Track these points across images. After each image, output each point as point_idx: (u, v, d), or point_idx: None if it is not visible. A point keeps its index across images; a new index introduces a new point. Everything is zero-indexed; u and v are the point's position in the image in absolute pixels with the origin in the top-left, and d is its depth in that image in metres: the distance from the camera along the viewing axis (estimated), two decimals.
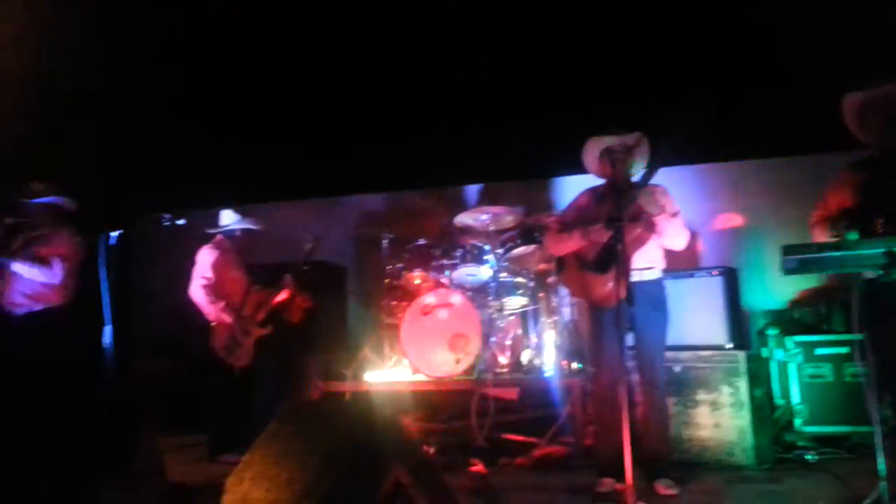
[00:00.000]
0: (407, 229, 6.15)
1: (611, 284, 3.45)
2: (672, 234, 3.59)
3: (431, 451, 4.25)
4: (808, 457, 4.22)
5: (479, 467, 3.57)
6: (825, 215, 3.05)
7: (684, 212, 3.69)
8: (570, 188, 6.08)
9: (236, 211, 5.01)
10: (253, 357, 4.72)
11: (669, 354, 4.00)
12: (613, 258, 3.45)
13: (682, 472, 3.70)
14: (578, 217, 3.72)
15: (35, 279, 4.28)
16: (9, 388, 3.62)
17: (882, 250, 2.18)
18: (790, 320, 5.07)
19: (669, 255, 3.82)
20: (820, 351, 4.63)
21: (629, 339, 3.66)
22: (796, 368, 4.66)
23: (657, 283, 3.67)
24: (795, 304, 5.27)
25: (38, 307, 4.35)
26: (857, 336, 4.41)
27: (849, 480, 3.66)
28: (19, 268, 4.26)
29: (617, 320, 3.56)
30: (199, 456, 4.71)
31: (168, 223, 4.15)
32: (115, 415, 2.26)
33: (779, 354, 4.81)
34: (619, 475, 3.49)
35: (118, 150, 5.80)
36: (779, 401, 4.74)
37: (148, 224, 4.14)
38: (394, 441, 2.02)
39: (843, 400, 4.52)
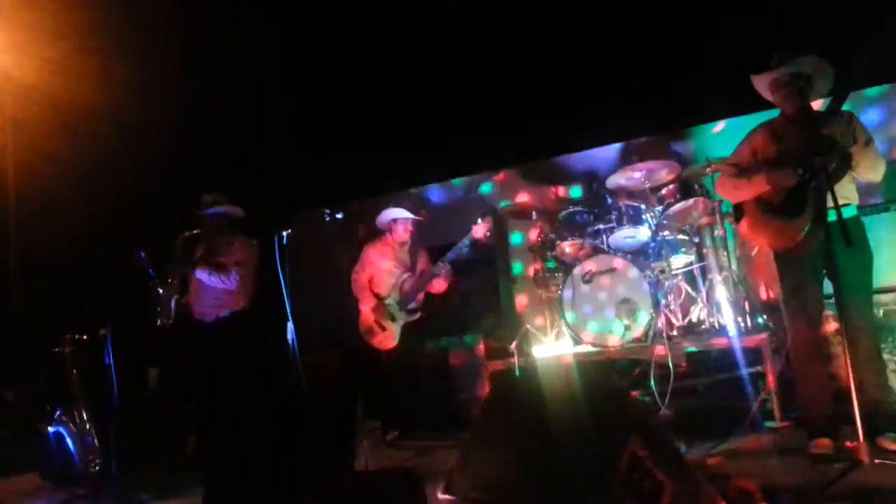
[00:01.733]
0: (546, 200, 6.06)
1: (806, 228, 3.14)
2: (868, 166, 3.22)
3: None
4: None
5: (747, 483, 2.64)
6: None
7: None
8: (714, 135, 5.74)
9: (396, 204, 5.10)
10: (401, 341, 4.90)
11: None
12: (807, 199, 3.15)
13: None
14: (755, 158, 3.41)
15: (217, 287, 4.53)
16: (224, 391, 3.85)
17: None
18: None
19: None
20: None
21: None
22: None
23: (855, 221, 3.30)
24: None
25: (224, 313, 4.62)
26: None
27: None
28: (203, 277, 4.52)
29: (813, 267, 3.27)
30: (375, 441, 4.81)
31: (328, 218, 4.26)
32: (333, 408, 2.29)
33: None
34: (833, 434, 3.22)
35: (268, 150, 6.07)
36: None
37: (311, 220, 4.25)
38: (626, 411, 1.91)
39: None
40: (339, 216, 4.34)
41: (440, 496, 2.12)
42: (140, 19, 5.74)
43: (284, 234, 3.81)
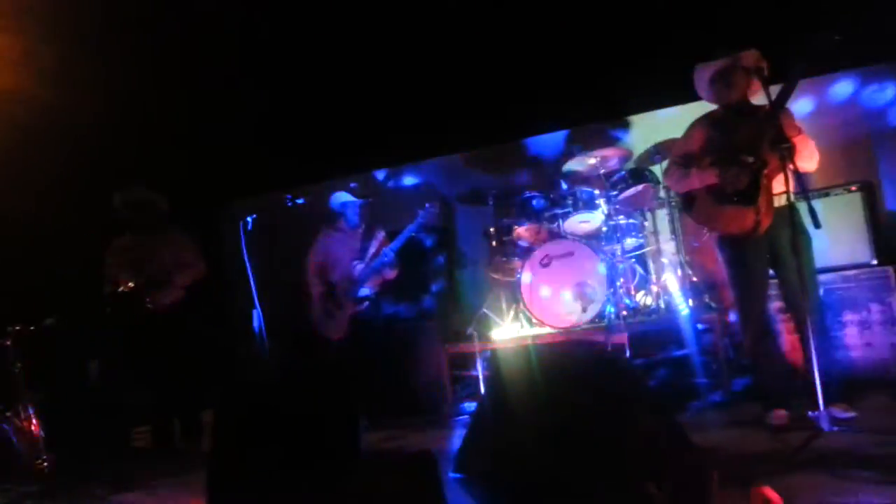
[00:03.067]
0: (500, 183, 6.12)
1: (759, 215, 3.32)
2: (806, 157, 3.40)
3: None
4: None
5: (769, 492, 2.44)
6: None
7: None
8: (647, 125, 5.94)
9: (347, 189, 5.02)
10: (351, 329, 4.86)
11: None
12: (759, 187, 3.32)
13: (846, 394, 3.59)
14: (701, 150, 3.55)
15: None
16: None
17: None
18: None
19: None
20: None
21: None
22: None
23: (794, 207, 3.51)
24: None
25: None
26: None
27: None
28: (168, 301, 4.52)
29: (760, 251, 3.46)
30: None
31: (290, 203, 4.17)
32: (328, 395, 2.26)
33: None
34: (787, 405, 3.43)
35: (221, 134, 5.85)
36: None
37: (273, 205, 4.15)
38: (638, 392, 1.97)
39: None
40: (300, 201, 4.25)
41: (451, 475, 2.14)
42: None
43: (249, 219, 3.70)
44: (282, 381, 2.38)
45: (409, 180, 6.73)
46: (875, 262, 4.13)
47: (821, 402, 2.95)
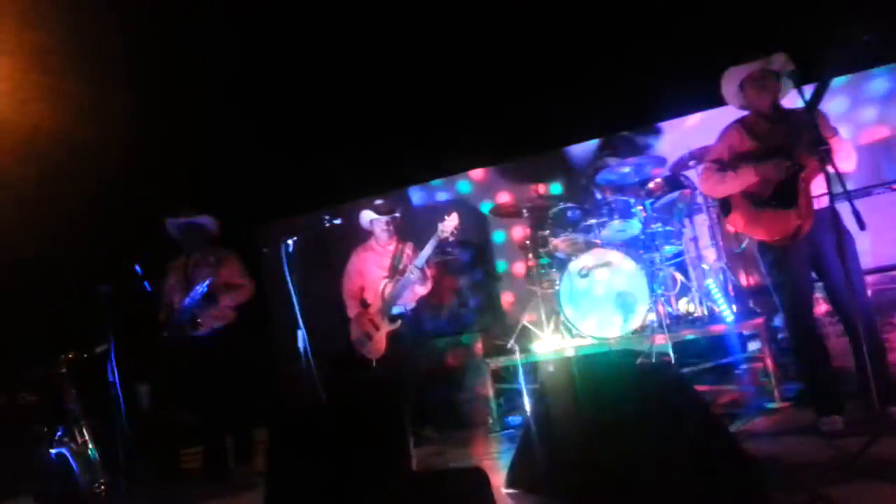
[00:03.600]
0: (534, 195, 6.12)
1: (799, 219, 3.27)
2: (843, 157, 3.32)
3: None
4: None
5: None
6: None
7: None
8: (679, 131, 5.90)
9: (372, 207, 5.03)
10: (388, 348, 4.80)
11: None
12: (797, 190, 3.28)
13: None
14: (736, 154, 3.50)
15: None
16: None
17: None
18: None
19: None
20: None
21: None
22: None
23: (834, 209, 3.44)
24: None
25: (218, 325, 4.63)
26: None
27: None
28: (229, 303, 4.64)
29: (803, 255, 3.40)
30: None
31: (328, 223, 4.23)
32: (380, 412, 2.29)
33: None
34: (840, 410, 3.36)
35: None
36: None
37: (311, 226, 4.23)
38: (685, 402, 1.97)
39: None
40: (337, 221, 4.31)
41: (504, 491, 2.15)
42: (90, 36, 5.54)
43: (290, 241, 3.77)
44: (331, 402, 2.41)
45: (441, 196, 6.78)
46: None
47: (876, 405, 2.88)
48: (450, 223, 4.63)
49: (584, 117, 5.99)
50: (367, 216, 5.03)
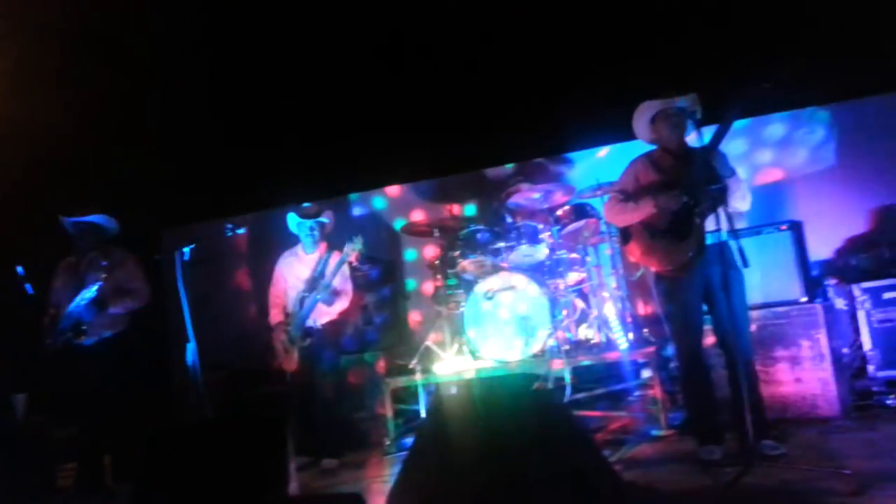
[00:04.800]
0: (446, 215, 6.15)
1: (690, 252, 3.41)
2: (739, 197, 3.52)
3: None
4: (889, 401, 4.24)
5: None
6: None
7: None
8: (589, 161, 6.10)
9: (297, 210, 4.84)
10: (301, 364, 4.65)
11: None
12: (692, 225, 3.42)
13: (776, 430, 3.68)
14: (640, 186, 3.65)
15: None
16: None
17: None
18: (848, 268, 5.07)
19: None
20: (888, 295, 4.62)
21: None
22: (866, 315, 4.65)
23: (726, 244, 3.60)
24: (846, 251, 5.27)
25: (106, 334, 4.35)
26: None
27: None
28: (118, 311, 4.34)
29: (694, 287, 3.54)
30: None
31: (230, 232, 4.10)
32: (259, 433, 2.21)
33: (841, 303, 4.81)
34: (719, 440, 3.50)
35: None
36: (846, 350, 4.74)
37: (213, 235, 4.07)
38: (568, 429, 1.99)
39: None
40: (240, 231, 4.18)
41: None
42: None
43: (187, 250, 3.61)
44: (214, 418, 2.31)
45: (356, 210, 6.72)
46: (804, 299, 4.27)
47: (749, 437, 3.01)
48: (354, 247, 4.55)
49: (500, 142, 6.10)
50: (292, 220, 4.87)
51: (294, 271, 4.84)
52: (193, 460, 2.34)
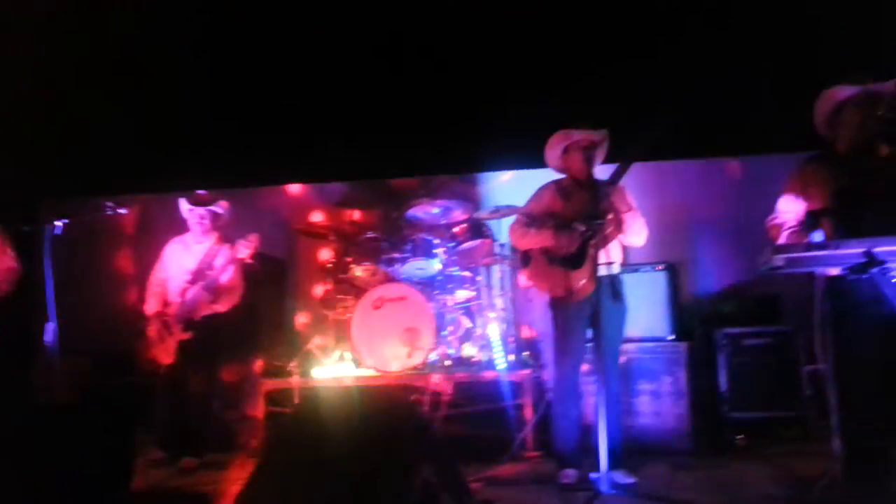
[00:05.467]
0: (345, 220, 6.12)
1: (583, 280, 3.55)
2: (635, 232, 3.73)
3: None
4: (737, 441, 4.55)
5: None
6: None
7: None
8: (493, 183, 6.26)
9: (188, 196, 4.66)
10: (177, 358, 4.46)
11: None
12: (586, 255, 3.56)
13: (631, 461, 3.85)
14: (545, 212, 3.78)
15: None
16: None
17: (863, 250, 2.37)
18: (715, 313, 5.42)
19: None
20: (747, 342, 4.98)
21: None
22: (725, 358, 4.98)
23: (617, 278, 3.80)
24: (715, 297, 5.64)
25: None
26: (778, 328, 4.87)
27: (777, 462, 4.00)
28: None
29: (583, 315, 3.69)
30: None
31: (110, 211, 3.90)
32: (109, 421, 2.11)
33: (708, 345, 5.14)
34: (578, 465, 3.65)
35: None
36: (709, 389, 5.06)
37: (89, 212, 3.85)
38: (420, 438, 2.01)
39: (764, 387, 4.89)
40: (122, 211, 3.97)
41: None
42: None
43: (59, 224, 3.40)
44: (56, 406, 2.18)
45: (256, 205, 6.52)
46: (671, 337, 4.53)
47: (604, 465, 3.15)
48: (248, 245, 4.43)
49: (407, 154, 6.12)
50: (184, 205, 4.65)
51: (179, 260, 4.65)
52: (32, 446, 2.20)
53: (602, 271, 3.58)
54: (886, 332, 2.58)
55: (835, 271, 2.67)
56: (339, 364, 4.98)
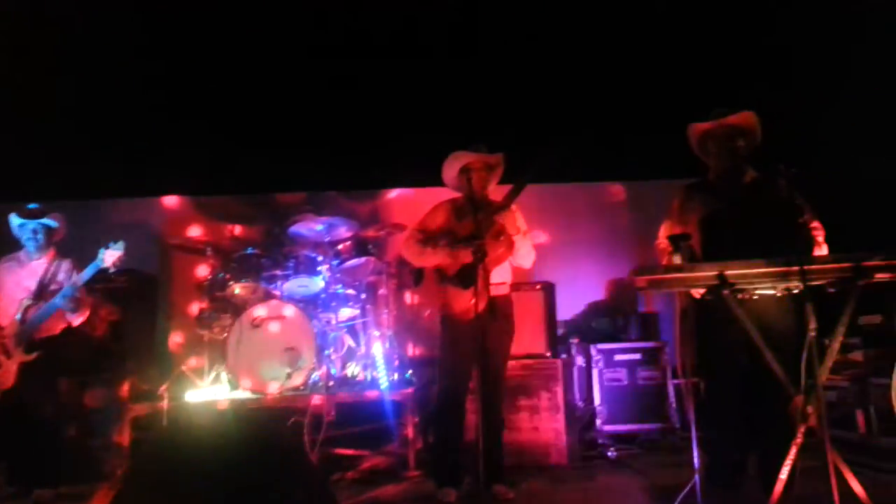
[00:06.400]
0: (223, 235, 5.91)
1: (473, 300, 3.57)
2: (524, 254, 3.80)
3: None
4: (609, 453, 4.76)
5: None
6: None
7: None
8: (398, 201, 6.29)
9: (18, 210, 4.33)
10: (18, 381, 4.09)
11: None
12: (478, 274, 3.59)
13: (510, 476, 3.93)
14: (439, 231, 3.80)
15: None
16: None
17: (715, 272, 2.55)
18: (589, 330, 5.67)
19: None
20: (619, 357, 5.24)
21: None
22: (598, 373, 5.22)
23: (506, 298, 3.88)
24: (589, 314, 5.91)
25: None
26: (648, 344, 5.16)
27: (647, 473, 4.21)
28: None
29: (472, 333, 3.71)
30: None
31: None
32: None
33: (581, 361, 5.36)
34: (457, 483, 3.67)
35: None
36: (581, 403, 5.28)
37: None
38: (293, 464, 1.95)
39: (635, 401, 5.16)
40: None
41: None
42: None
43: None
44: None
45: (124, 216, 6.17)
46: (548, 354, 4.68)
47: (482, 480, 3.18)
48: (113, 253, 4.14)
49: (292, 169, 6.00)
50: (14, 220, 4.31)
51: (15, 278, 4.31)
52: None
53: (492, 291, 3.64)
54: (743, 350, 2.79)
55: (698, 292, 2.85)
56: (215, 386, 4.75)
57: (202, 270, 5.81)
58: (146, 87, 5.61)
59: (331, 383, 4.65)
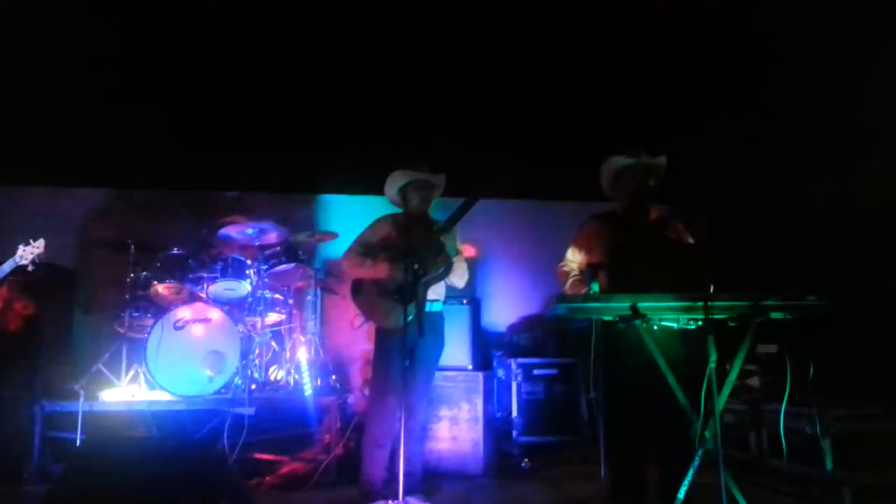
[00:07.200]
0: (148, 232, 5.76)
1: (409, 314, 3.61)
2: (459, 274, 3.92)
3: None
4: (524, 464, 4.94)
5: None
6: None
7: None
8: (331, 207, 6.29)
9: None
10: None
11: None
12: (416, 289, 3.66)
13: (427, 485, 4.02)
14: (380, 244, 3.86)
15: None
16: None
17: (629, 304, 2.74)
18: (511, 344, 5.86)
19: None
20: (537, 372, 5.44)
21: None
22: (517, 386, 5.41)
23: (439, 314, 3.98)
24: (514, 329, 6.12)
25: None
26: (564, 360, 5.38)
27: (558, 484, 4.41)
28: None
29: (404, 346, 3.77)
30: None
31: None
32: None
33: (501, 374, 5.54)
34: (385, 495, 3.72)
35: None
36: (499, 415, 5.45)
37: None
38: (217, 474, 2.00)
39: (551, 414, 5.38)
40: None
41: None
42: None
43: None
44: None
45: (43, 207, 5.92)
46: (471, 366, 4.83)
47: (401, 491, 3.28)
48: (33, 250, 4.03)
49: (225, 166, 5.91)
50: None
51: None
52: None
53: (427, 307, 3.74)
54: (647, 373, 2.99)
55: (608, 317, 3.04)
56: (132, 386, 4.66)
57: (124, 267, 5.67)
58: (74, 70, 5.41)
59: (253, 387, 4.64)
